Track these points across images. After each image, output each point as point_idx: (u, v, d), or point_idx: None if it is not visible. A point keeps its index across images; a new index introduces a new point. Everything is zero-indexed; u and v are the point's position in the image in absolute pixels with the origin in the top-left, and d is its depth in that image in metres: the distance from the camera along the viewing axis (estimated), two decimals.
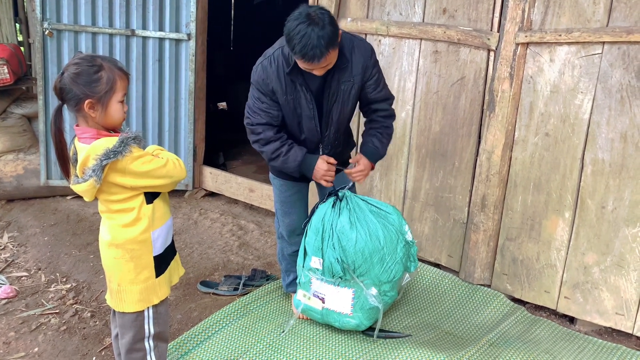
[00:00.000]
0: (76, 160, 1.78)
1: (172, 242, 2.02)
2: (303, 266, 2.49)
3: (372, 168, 2.46)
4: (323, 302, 2.46)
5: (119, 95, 1.78)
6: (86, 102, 1.72)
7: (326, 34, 2.00)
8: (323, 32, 2.00)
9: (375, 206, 2.47)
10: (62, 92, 1.73)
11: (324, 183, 2.37)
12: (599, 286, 2.66)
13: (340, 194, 2.42)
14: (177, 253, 2.10)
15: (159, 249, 1.91)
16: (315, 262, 2.41)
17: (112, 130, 1.83)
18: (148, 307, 1.92)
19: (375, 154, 2.43)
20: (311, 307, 2.51)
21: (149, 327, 1.95)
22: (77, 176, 1.77)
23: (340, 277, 2.38)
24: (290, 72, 2.20)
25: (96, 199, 1.85)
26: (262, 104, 2.28)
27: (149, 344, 1.96)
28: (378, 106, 2.42)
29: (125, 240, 1.84)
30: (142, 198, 1.83)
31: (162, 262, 1.94)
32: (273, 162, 2.36)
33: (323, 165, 2.34)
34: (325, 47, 2.01)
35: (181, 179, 1.90)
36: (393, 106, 2.47)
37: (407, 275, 2.56)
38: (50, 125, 1.75)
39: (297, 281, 2.58)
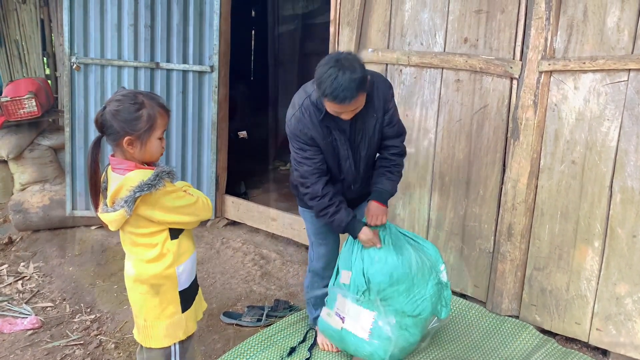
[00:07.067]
0: (106, 189, 1.79)
1: (195, 276, 2.01)
2: (334, 284, 2.49)
3: (386, 207, 2.46)
4: (342, 322, 2.43)
5: (159, 133, 1.80)
6: (125, 139, 1.74)
7: (357, 77, 2.06)
8: (354, 75, 2.05)
9: (414, 239, 2.47)
10: (102, 126, 1.76)
11: (367, 245, 2.39)
12: (633, 317, 2.58)
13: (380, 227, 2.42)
14: (200, 287, 2.09)
15: (184, 284, 1.91)
16: (344, 276, 2.41)
17: (148, 164, 1.85)
18: (175, 343, 1.91)
19: (383, 196, 2.43)
20: (330, 325, 2.49)
21: None
22: (107, 205, 1.77)
23: (363, 294, 2.35)
24: (323, 118, 2.25)
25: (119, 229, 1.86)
26: (304, 153, 2.31)
27: None
28: (390, 142, 2.45)
29: (150, 276, 1.84)
30: (166, 233, 1.84)
31: (188, 297, 1.93)
32: (320, 218, 2.39)
33: (368, 233, 2.37)
34: (356, 89, 2.07)
35: (206, 219, 1.92)
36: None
37: (436, 319, 2.50)
38: (87, 155, 1.77)
39: (325, 300, 2.57)
